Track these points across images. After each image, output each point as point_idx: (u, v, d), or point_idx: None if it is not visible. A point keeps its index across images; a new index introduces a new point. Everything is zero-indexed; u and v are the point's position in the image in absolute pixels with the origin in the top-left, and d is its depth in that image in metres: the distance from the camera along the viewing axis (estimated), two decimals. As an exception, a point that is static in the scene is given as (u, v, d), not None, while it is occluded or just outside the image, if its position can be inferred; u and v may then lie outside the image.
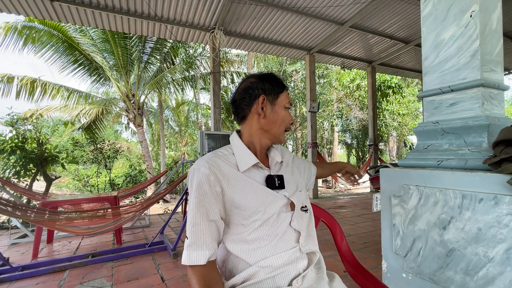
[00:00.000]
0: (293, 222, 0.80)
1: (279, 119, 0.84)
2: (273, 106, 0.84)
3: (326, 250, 2.61)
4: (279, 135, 0.86)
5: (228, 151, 0.84)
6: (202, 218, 0.71)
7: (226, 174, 0.77)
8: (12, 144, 4.31)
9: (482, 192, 1.09)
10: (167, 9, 4.33)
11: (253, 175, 0.81)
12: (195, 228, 0.71)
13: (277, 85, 0.85)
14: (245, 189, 0.77)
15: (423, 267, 1.31)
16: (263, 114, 0.83)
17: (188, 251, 0.69)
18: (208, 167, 0.75)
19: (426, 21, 1.52)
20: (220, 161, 0.79)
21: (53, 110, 8.61)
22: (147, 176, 8.63)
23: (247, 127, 0.86)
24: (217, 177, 0.75)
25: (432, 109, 1.49)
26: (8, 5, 3.79)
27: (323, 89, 12.74)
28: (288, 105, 0.86)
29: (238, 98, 0.86)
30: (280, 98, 0.85)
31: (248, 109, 0.84)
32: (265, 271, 0.73)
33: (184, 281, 2.06)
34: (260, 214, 0.76)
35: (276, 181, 0.81)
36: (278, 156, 0.90)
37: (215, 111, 4.97)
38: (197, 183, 0.74)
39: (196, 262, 0.68)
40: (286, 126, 0.87)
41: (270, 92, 0.84)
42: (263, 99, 0.83)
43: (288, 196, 0.82)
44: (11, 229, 3.68)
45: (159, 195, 3.61)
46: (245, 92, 0.84)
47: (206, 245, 0.70)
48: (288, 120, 0.86)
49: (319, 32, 5.43)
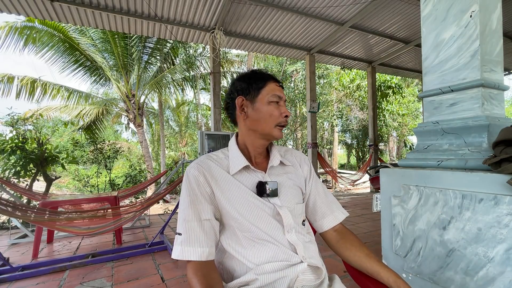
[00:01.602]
0: (289, 234, 0.77)
1: (263, 116, 0.79)
2: (253, 104, 0.80)
3: (326, 250, 2.61)
4: (269, 132, 0.80)
5: (224, 154, 0.84)
6: (194, 216, 0.72)
7: (215, 175, 0.77)
8: (12, 144, 4.31)
9: (482, 192, 1.09)
10: (167, 9, 4.33)
11: (243, 179, 0.79)
12: (187, 225, 0.71)
13: (256, 81, 0.81)
14: (231, 192, 0.76)
15: (423, 267, 1.31)
16: (245, 115, 0.82)
17: (181, 246, 0.70)
18: (197, 168, 0.77)
19: (426, 21, 1.52)
20: (212, 163, 0.79)
21: (53, 110, 8.61)
22: (147, 176, 8.63)
23: (240, 130, 0.86)
24: (206, 178, 0.76)
25: (432, 109, 1.49)
26: (8, 5, 3.79)
27: (323, 89, 12.74)
28: (273, 98, 0.79)
29: (225, 105, 0.88)
30: (262, 94, 0.80)
31: (234, 113, 0.85)
32: (263, 277, 0.72)
33: (184, 281, 2.06)
34: (247, 219, 0.74)
35: (266, 188, 0.77)
36: (276, 159, 0.85)
37: (215, 111, 4.97)
38: (187, 184, 0.76)
39: (189, 258, 0.69)
40: (277, 121, 0.79)
41: (247, 90, 0.81)
42: (241, 99, 0.82)
43: (278, 206, 0.77)
44: (11, 229, 3.68)
45: (159, 195, 3.61)
46: (228, 97, 0.86)
47: (198, 242, 0.70)
48: (276, 114, 0.79)
49: (319, 32, 5.43)
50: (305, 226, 0.85)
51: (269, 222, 0.76)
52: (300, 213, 0.84)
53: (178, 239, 0.72)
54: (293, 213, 0.80)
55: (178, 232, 0.73)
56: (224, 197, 0.76)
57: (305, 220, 0.87)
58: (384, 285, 0.77)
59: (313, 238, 0.87)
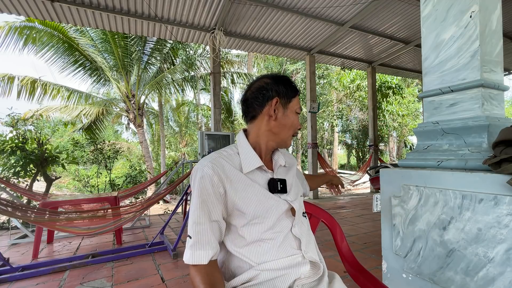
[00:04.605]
0: (294, 228, 0.80)
1: (289, 123, 0.84)
2: (285, 110, 0.83)
3: (326, 251, 2.61)
4: (286, 139, 0.86)
5: (233, 151, 0.82)
6: (205, 218, 0.71)
7: (229, 175, 0.76)
8: (12, 144, 4.31)
9: (482, 193, 1.09)
10: (167, 9, 4.33)
11: (256, 177, 0.80)
12: (199, 228, 0.71)
13: (291, 89, 0.85)
14: (246, 191, 0.76)
15: (423, 268, 1.31)
16: (274, 117, 0.82)
17: (192, 250, 0.69)
18: (212, 167, 0.74)
19: (426, 21, 1.52)
20: (224, 162, 0.78)
21: (54, 110, 8.61)
22: (148, 176, 8.63)
23: (255, 127, 0.84)
24: (221, 178, 0.74)
25: (432, 110, 1.49)
26: (8, 5, 3.80)
27: (323, 90, 12.75)
28: (299, 110, 0.86)
29: (250, 97, 0.84)
30: (293, 103, 0.85)
31: (259, 109, 0.83)
32: (265, 274, 0.73)
33: (185, 281, 2.06)
34: (260, 218, 0.75)
35: (278, 185, 0.80)
36: (281, 159, 0.89)
37: (215, 111, 4.97)
38: (200, 183, 0.73)
39: (200, 262, 0.69)
40: (294, 131, 0.87)
41: (284, 95, 0.83)
42: (276, 101, 0.82)
43: (290, 201, 0.81)
44: (11, 229, 3.68)
45: (159, 195, 3.61)
46: (259, 91, 0.83)
47: (209, 244, 0.70)
48: (296, 125, 0.86)
49: (319, 32, 5.43)
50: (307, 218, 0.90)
51: (282, 218, 0.79)
52: (302, 205, 0.89)
53: (188, 242, 0.71)
54: (299, 206, 0.85)
55: (188, 234, 0.72)
56: (237, 196, 0.75)
57: (305, 212, 0.92)
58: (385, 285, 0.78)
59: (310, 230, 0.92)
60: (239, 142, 0.84)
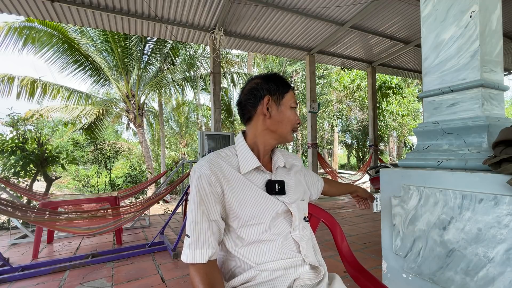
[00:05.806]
0: (293, 231, 0.79)
1: (285, 119, 0.84)
2: (278, 106, 0.84)
3: (326, 251, 2.61)
4: (285, 135, 0.85)
5: (231, 152, 0.83)
6: (203, 217, 0.72)
7: (227, 175, 0.76)
8: (12, 144, 4.31)
9: (482, 193, 1.09)
10: (167, 9, 4.33)
11: (253, 178, 0.80)
12: (197, 227, 0.71)
13: (282, 85, 0.85)
14: (243, 192, 0.76)
15: (423, 268, 1.31)
16: (268, 115, 0.83)
17: (190, 249, 0.70)
18: (209, 167, 0.75)
19: (426, 21, 1.52)
20: (222, 162, 0.78)
21: (54, 110, 8.61)
22: (148, 176, 8.63)
23: (253, 128, 0.85)
24: (218, 178, 0.75)
25: (432, 110, 1.49)
26: (8, 5, 3.80)
27: (323, 90, 12.75)
28: (293, 104, 0.86)
29: (243, 99, 0.86)
30: (286, 98, 0.85)
31: (253, 110, 0.84)
32: (265, 274, 0.73)
33: (185, 281, 2.06)
34: (256, 219, 0.75)
35: (276, 186, 0.80)
36: (281, 160, 0.89)
37: (215, 111, 4.97)
38: (198, 183, 0.74)
39: (198, 260, 0.69)
40: (293, 126, 0.86)
41: (275, 92, 0.84)
42: (268, 99, 0.82)
43: (288, 203, 0.80)
44: (11, 229, 3.68)
45: (159, 195, 3.61)
46: (250, 93, 0.84)
47: (208, 243, 0.70)
48: (294, 120, 0.86)
49: (319, 32, 5.43)
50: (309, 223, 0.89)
51: (279, 221, 0.78)
52: (303, 209, 0.87)
53: (186, 241, 0.71)
54: (299, 209, 0.83)
55: (186, 234, 0.73)
56: (235, 197, 0.75)
57: (307, 216, 0.90)
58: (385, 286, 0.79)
59: (313, 234, 0.91)
60: (237, 144, 0.85)
